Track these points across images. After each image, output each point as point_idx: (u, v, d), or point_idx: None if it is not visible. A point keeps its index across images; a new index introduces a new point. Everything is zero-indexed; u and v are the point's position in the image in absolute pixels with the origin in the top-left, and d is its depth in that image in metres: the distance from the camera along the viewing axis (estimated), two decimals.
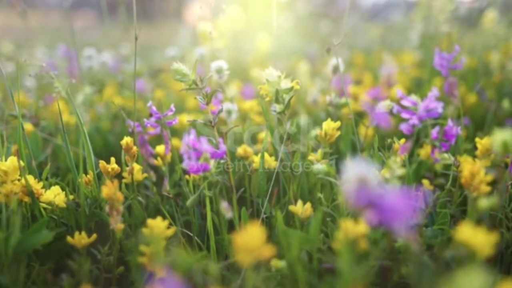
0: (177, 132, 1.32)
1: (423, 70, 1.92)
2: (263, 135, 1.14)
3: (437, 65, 1.19)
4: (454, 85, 1.18)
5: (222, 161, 0.81)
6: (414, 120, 0.96)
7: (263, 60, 2.32)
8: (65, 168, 1.14)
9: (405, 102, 0.98)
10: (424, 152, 1.15)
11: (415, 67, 1.95)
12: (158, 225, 0.68)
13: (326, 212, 0.82)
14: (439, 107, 0.92)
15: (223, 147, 0.68)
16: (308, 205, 0.72)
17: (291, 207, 0.72)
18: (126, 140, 0.89)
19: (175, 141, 1.18)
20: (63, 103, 1.45)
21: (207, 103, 0.83)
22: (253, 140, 1.27)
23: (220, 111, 0.83)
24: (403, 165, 0.76)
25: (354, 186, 0.45)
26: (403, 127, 0.98)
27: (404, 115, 0.97)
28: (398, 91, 1.01)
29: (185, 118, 1.21)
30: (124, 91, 1.33)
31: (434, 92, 0.95)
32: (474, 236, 0.52)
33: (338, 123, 0.92)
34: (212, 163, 0.69)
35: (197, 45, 1.78)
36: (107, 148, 1.26)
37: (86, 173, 0.88)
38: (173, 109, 0.92)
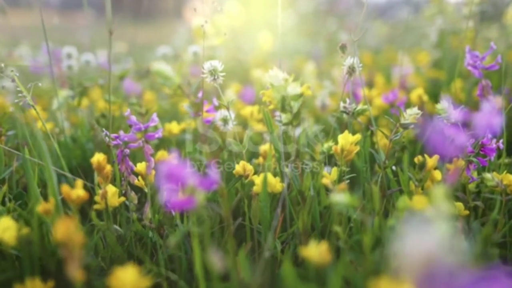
0: (165, 143, 1.16)
1: (439, 71, 1.75)
2: (265, 147, 0.97)
3: (468, 66, 1.02)
4: (488, 88, 1.02)
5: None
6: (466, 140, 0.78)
7: (265, 60, 2.16)
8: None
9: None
10: (453, 167, 0.98)
11: (430, 67, 1.78)
12: (127, 277, 0.51)
13: (344, 251, 0.65)
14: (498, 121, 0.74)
15: (214, 176, 0.52)
16: (325, 247, 0.55)
17: (303, 251, 0.55)
18: (97, 158, 0.73)
19: (162, 154, 1.01)
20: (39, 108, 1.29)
21: (196, 113, 0.66)
22: (255, 153, 1.11)
23: (211, 123, 0.66)
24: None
25: (419, 267, 0.29)
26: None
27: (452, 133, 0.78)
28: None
29: (176, 127, 1.05)
30: (107, 95, 1.17)
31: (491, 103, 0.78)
32: None
33: (357, 137, 0.75)
34: (200, 196, 0.52)
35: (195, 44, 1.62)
36: (86, 161, 1.09)
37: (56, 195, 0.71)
38: (156, 119, 0.75)
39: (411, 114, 0.83)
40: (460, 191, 0.99)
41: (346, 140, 0.74)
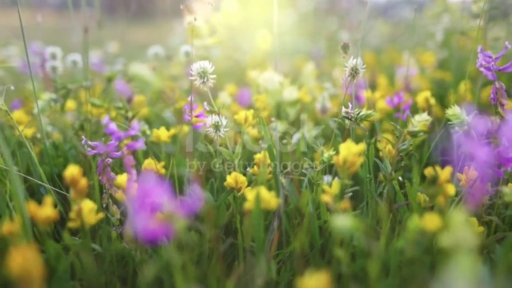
0: (154, 149, 1.08)
1: (445, 72, 1.67)
2: (261, 156, 0.89)
3: (481, 67, 0.94)
4: (502, 91, 0.94)
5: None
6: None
7: (264, 60, 2.08)
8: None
9: None
10: (465, 177, 0.90)
11: (435, 68, 1.70)
12: None
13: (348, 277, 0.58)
14: None
15: (197, 198, 0.44)
16: (325, 279, 0.48)
17: (300, 283, 0.48)
18: (71, 171, 0.65)
19: (149, 162, 0.94)
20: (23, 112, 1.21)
21: (179, 121, 0.59)
22: (249, 159, 1.03)
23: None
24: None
25: None
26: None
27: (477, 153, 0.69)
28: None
29: (165, 134, 0.97)
30: (93, 98, 1.09)
31: None
32: None
33: (361, 147, 0.67)
34: (180, 223, 0.45)
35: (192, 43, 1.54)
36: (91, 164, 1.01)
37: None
38: (136, 127, 0.67)
39: (420, 121, 0.75)
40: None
41: (349, 150, 0.66)
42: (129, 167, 0.69)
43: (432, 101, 1.13)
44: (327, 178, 0.97)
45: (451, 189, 0.69)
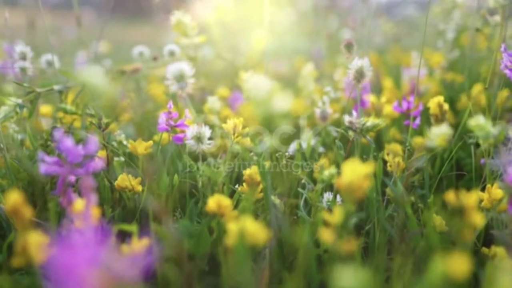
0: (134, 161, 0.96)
1: (455, 73, 1.55)
2: (251, 172, 0.77)
3: (506, 69, 0.82)
4: None
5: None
6: None
7: (261, 61, 1.96)
8: None
9: None
10: (487, 197, 0.78)
11: (445, 69, 1.57)
12: None
13: None
14: None
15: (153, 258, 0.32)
16: None
17: None
18: (13, 199, 0.53)
19: (123, 178, 0.81)
20: None
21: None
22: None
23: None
24: None
25: None
26: None
27: None
28: None
29: (142, 146, 0.84)
30: (64, 104, 0.97)
31: None
32: None
33: (369, 168, 0.55)
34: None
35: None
36: (33, 186, 0.89)
37: None
38: (93, 146, 0.55)
39: (439, 134, 0.63)
40: (495, 227, 0.79)
41: (354, 172, 0.53)
42: (87, 191, 0.57)
43: (446, 106, 1.01)
44: (327, 195, 0.85)
45: (479, 220, 0.56)
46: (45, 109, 1.26)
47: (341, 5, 2.95)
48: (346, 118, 0.74)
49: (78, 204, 0.59)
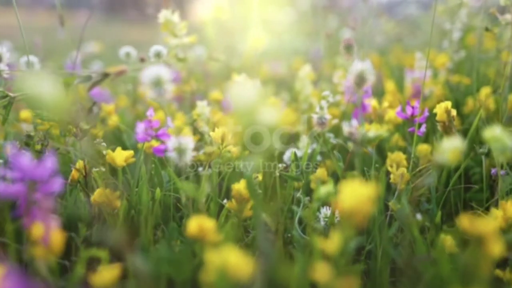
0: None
1: (461, 75, 1.47)
2: (240, 186, 0.69)
3: None
4: None
5: None
6: None
7: (258, 62, 1.88)
8: None
9: None
10: (502, 215, 0.71)
11: (450, 71, 1.50)
12: None
13: None
14: None
15: None
16: None
17: None
18: None
19: (99, 192, 0.74)
20: None
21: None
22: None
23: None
24: None
25: None
26: None
27: None
28: None
29: (121, 157, 0.77)
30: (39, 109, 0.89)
31: None
32: None
33: (372, 190, 0.47)
34: None
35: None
36: (6, 204, 0.82)
37: None
38: (50, 164, 0.47)
39: (450, 148, 0.55)
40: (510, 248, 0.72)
41: (355, 196, 0.46)
42: (45, 214, 0.49)
43: (454, 112, 0.93)
44: (324, 211, 0.78)
45: (497, 248, 0.48)
46: (25, 114, 1.18)
47: (341, 5, 2.87)
48: (345, 128, 0.66)
49: (37, 228, 0.51)
